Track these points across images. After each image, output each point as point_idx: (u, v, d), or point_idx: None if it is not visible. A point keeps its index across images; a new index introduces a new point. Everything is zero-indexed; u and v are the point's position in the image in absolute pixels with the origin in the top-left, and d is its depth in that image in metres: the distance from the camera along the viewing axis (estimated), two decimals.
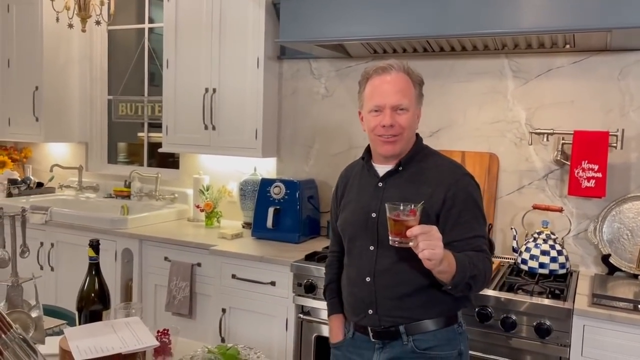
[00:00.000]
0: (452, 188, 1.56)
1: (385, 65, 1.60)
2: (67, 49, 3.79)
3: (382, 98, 1.58)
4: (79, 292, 1.48)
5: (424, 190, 1.57)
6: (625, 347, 1.90)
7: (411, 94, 1.60)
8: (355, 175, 1.75)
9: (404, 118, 1.58)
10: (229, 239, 2.87)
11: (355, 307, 1.66)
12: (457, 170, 1.64)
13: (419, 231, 1.36)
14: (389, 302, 1.59)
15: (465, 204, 1.57)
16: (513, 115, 2.62)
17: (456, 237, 1.53)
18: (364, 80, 1.66)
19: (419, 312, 1.58)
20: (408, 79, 1.60)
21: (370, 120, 1.62)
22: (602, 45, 2.35)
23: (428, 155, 1.67)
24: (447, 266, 1.43)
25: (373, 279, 1.60)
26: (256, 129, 2.99)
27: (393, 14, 2.37)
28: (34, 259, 3.26)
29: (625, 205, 2.39)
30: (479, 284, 1.55)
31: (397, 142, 1.59)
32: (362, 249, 1.64)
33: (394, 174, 1.64)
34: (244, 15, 2.96)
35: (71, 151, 4.04)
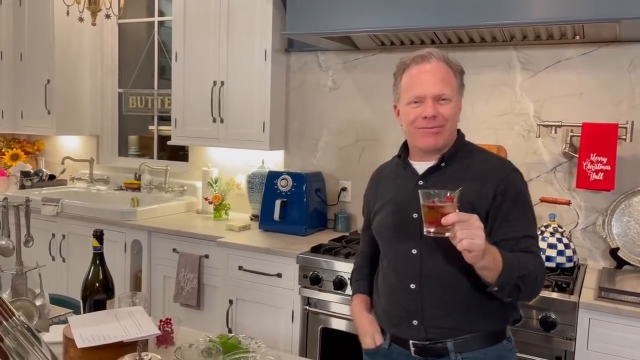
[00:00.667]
0: (502, 183, 1.44)
1: (424, 53, 1.48)
2: (78, 43, 3.83)
3: (422, 88, 1.45)
4: (83, 282, 1.50)
5: (470, 186, 1.43)
6: (632, 340, 1.88)
7: (453, 83, 1.48)
8: (388, 176, 1.63)
9: (447, 108, 1.45)
10: (237, 231, 2.89)
11: (396, 317, 1.51)
12: (506, 165, 1.52)
13: (455, 219, 1.23)
14: (436, 311, 1.44)
15: (515, 200, 1.44)
16: (521, 108, 2.60)
17: (504, 236, 1.41)
18: (399, 71, 1.53)
19: (469, 323, 1.43)
20: (448, 68, 1.48)
21: (409, 112, 1.49)
22: (612, 36, 2.32)
23: (472, 152, 1.55)
24: (492, 262, 1.29)
25: (419, 285, 1.45)
26: (264, 122, 3.00)
27: (400, 5, 2.35)
28: (45, 250, 3.32)
29: (634, 199, 2.36)
30: (529, 288, 1.39)
31: (440, 133, 1.46)
32: (402, 252, 1.49)
33: (435, 171, 1.50)
34: (251, 8, 2.96)
35: (82, 144, 4.08)
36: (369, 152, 2.99)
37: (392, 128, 2.91)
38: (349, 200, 3.05)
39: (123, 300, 1.52)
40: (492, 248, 1.30)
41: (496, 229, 1.42)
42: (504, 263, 1.31)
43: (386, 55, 2.90)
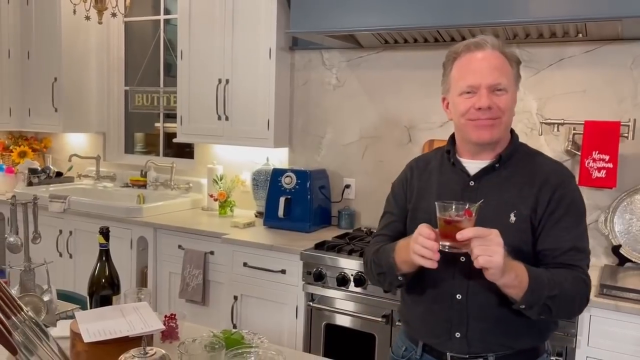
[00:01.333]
0: (560, 189, 1.34)
1: (478, 40, 1.36)
2: (84, 41, 3.86)
3: (476, 77, 1.33)
4: (89, 278, 1.53)
5: (527, 192, 1.34)
6: (632, 337, 1.90)
7: (509, 73, 1.36)
8: (432, 170, 1.49)
9: (503, 99, 1.33)
10: (241, 227, 2.92)
11: (436, 328, 1.41)
12: (565, 171, 1.41)
13: (471, 234, 1.17)
14: (482, 324, 1.35)
15: (569, 208, 1.34)
16: (524, 106, 2.60)
17: (550, 245, 1.32)
18: (449, 60, 1.41)
19: (514, 339, 1.36)
20: (504, 57, 1.37)
21: (460, 103, 1.37)
22: (615, 34, 2.32)
23: (528, 153, 1.44)
24: (514, 279, 1.22)
25: (466, 296, 1.36)
26: (268, 120, 3.02)
27: (404, 4, 2.36)
28: (52, 247, 3.36)
29: (636, 196, 2.37)
30: (563, 308, 1.29)
31: (495, 126, 1.34)
32: (449, 259, 1.34)
33: (490, 172, 1.39)
34: (256, 7, 2.98)
35: (89, 141, 4.12)
36: (372, 149, 3.01)
37: (396, 126, 2.92)
38: (353, 197, 3.07)
39: (129, 296, 1.55)
40: (516, 264, 1.24)
41: (544, 236, 1.34)
42: (530, 281, 1.24)
43: (390, 54, 2.91)
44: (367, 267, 1.53)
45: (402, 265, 1.36)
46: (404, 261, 1.35)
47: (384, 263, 1.42)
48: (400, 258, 1.36)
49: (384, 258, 1.42)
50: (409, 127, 2.87)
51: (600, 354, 1.95)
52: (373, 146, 3.00)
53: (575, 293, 1.30)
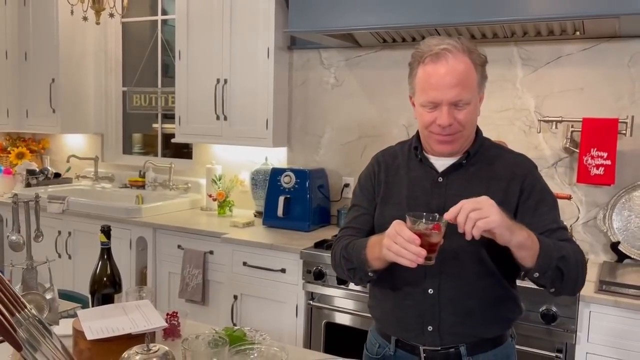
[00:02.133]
0: (528, 179, 1.39)
1: (440, 50, 1.33)
2: (82, 42, 3.86)
3: (437, 93, 1.33)
4: (91, 276, 1.53)
5: (495, 186, 1.37)
6: (631, 333, 1.91)
7: (472, 81, 1.35)
8: (400, 165, 1.50)
9: (464, 114, 1.35)
10: (241, 227, 2.92)
11: (408, 323, 1.43)
12: (528, 161, 1.46)
13: (458, 208, 1.18)
14: (453, 317, 1.39)
15: (542, 194, 1.39)
16: (522, 103, 2.62)
17: (538, 231, 1.33)
18: (415, 62, 1.40)
19: (484, 328, 1.40)
20: (468, 61, 1.34)
21: (423, 114, 1.39)
22: (612, 32, 2.33)
23: (490, 148, 1.47)
24: (527, 238, 1.22)
25: (437, 290, 1.39)
26: (267, 119, 3.02)
27: (401, 3, 2.37)
28: (52, 247, 3.36)
29: (635, 193, 2.38)
30: (573, 273, 1.30)
31: (456, 140, 1.38)
32: None
33: (458, 169, 1.42)
34: (254, 6, 2.98)
35: (87, 142, 4.12)
36: (371, 148, 3.01)
37: (395, 124, 2.93)
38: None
39: (130, 294, 1.55)
40: (521, 225, 1.23)
41: (528, 225, 1.32)
42: (540, 242, 1.25)
43: (388, 52, 2.92)
44: (336, 261, 1.51)
45: (374, 262, 1.36)
46: (376, 258, 1.34)
47: (355, 259, 1.41)
48: (373, 255, 1.35)
49: (354, 254, 1.41)
50: (408, 125, 2.88)
51: (600, 350, 1.96)
52: (372, 145, 3.01)
53: (577, 257, 1.32)
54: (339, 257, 1.48)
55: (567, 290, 1.36)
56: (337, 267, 1.53)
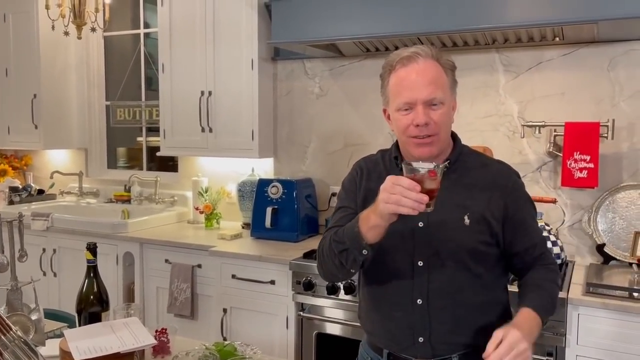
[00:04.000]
0: (511, 192, 1.42)
1: (410, 53, 1.36)
2: (64, 56, 3.83)
3: (412, 93, 1.34)
4: (78, 295, 1.51)
5: (477, 194, 1.39)
6: (620, 334, 1.92)
7: (444, 83, 1.38)
8: (381, 173, 1.48)
9: (439, 114, 1.36)
10: (229, 239, 2.90)
11: (398, 335, 1.42)
12: (509, 170, 1.48)
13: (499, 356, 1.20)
14: (444, 327, 1.38)
15: (526, 207, 1.45)
16: (505, 109, 2.65)
17: (526, 244, 1.43)
18: (386, 72, 1.41)
19: (475, 337, 1.39)
20: (438, 65, 1.37)
21: (400, 119, 1.39)
22: (591, 37, 2.37)
23: (470, 154, 1.49)
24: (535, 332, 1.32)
25: (426, 300, 1.38)
26: (252, 130, 3.02)
27: (383, 12, 2.39)
28: (36, 265, 3.30)
29: (618, 195, 2.41)
30: (557, 298, 1.46)
31: (434, 142, 1.37)
32: (405, 264, 1.40)
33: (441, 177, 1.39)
34: (237, 18, 2.98)
35: (71, 157, 4.08)
36: (357, 156, 2.96)
37: (380, 132, 2.94)
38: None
39: (118, 312, 1.53)
40: (527, 324, 1.30)
41: (517, 239, 1.42)
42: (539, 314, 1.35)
43: (371, 61, 2.94)
44: (325, 255, 1.44)
45: (368, 233, 1.30)
46: (371, 227, 1.29)
47: (347, 237, 1.35)
48: (367, 225, 1.30)
49: (346, 233, 1.36)
50: (393, 133, 2.88)
51: (589, 352, 1.98)
52: (358, 154, 2.98)
53: (556, 288, 1.47)
54: (327, 248, 1.42)
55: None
56: (326, 262, 1.44)
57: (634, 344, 1.90)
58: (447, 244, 1.38)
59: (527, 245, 1.43)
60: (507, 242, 1.42)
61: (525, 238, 1.43)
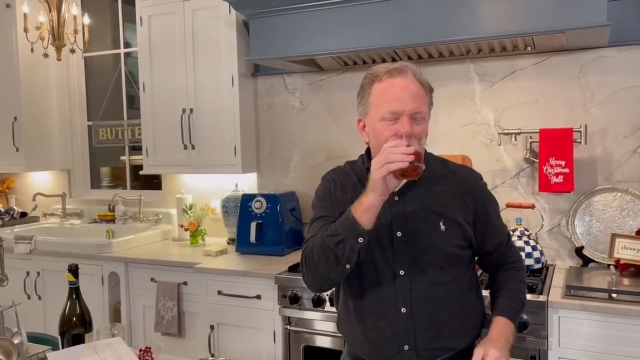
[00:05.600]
0: (477, 194, 1.49)
1: (399, 66, 1.40)
2: (44, 78, 3.82)
3: (399, 104, 1.36)
4: (60, 317, 1.51)
5: (448, 199, 1.44)
6: (600, 335, 1.96)
7: (426, 101, 1.42)
8: (355, 185, 1.49)
9: (421, 128, 1.38)
10: (214, 255, 2.91)
11: (384, 344, 1.43)
12: (474, 174, 1.55)
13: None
14: (428, 333, 1.41)
15: (491, 207, 1.53)
16: (482, 118, 2.70)
17: (495, 242, 1.52)
18: (369, 83, 1.42)
19: (457, 341, 1.45)
20: (421, 85, 1.41)
21: (382, 130, 1.38)
22: (560, 46, 2.44)
23: (436, 162, 1.52)
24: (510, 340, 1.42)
25: (410, 308, 1.41)
26: (235, 146, 3.04)
27: (360, 27, 2.44)
28: (20, 289, 3.27)
29: (594, 198, 2.47)
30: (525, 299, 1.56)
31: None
32: (386, 274, 1.41)
33: (411, 187, 1.44)
34: (216, 36, 3.02)
35: (54, 179, 4.06)
36: None
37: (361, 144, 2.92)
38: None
39: (102, 332, 1.53)
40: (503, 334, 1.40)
41: (487, 239, 1.50)
42: (512, 320, 1.45)
43: (350, 75, 2.98)
44: (315, 255, 1.38)
45: (362, 217, 1.30)
46: (365, 210, 1.29)
47: (342, 228, 1.33)
48: (360, 210, 1.30)
49: (340, 224, 1.34)
50: None
51: (571, 354, 2.01)
52: None
53: (524, 286, 1.57)
54: (318, 246, 1.37)
55: None
56: (316, 262, 1.39)
57: (614, 344, 1.94)
58: (426, 251, 1.42)
59: (496, 244, 1.53)
60: (478, 242, 1.50)
61: (494, 237, 1.53)
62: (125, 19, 3.82)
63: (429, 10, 2.29)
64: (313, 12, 2.50)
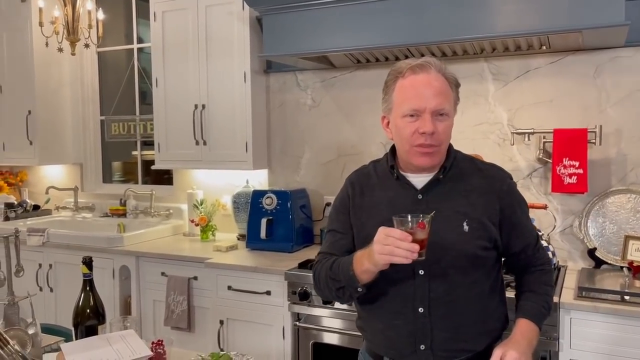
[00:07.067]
0: (506, 195, 1.44)
1: (422, 62, 1.38)
2: (58, 73, 3.85)
3: (420, 101, 1.35)
4: (74, 309, 1.52)
5: (474, 199, 1.41)
6: (612, 337, 1.95)
7: (450, 97, 1.40)
8: (374, 186, 1.51)
9: (445, 126, 1.37)
10: (224, 251, 2.92)
11: (400, 343, 1.43)
12: (503, 173, 1.50)
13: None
14: (445, 334, 1.40)
15: (519, 208, 1.48)
16: (495, 117, 2.68)
17: (523, 245, 1.48)
18: (392, 79, 1.41)
19: (475, 343, 1.43)
20: (445, 80, 1.39)
21: (404, 126, 1.38)
22: (577, 45, 2.42)
23: (464, 160, 1.49)
24: (534, 343, 1.39)
25: (428, 309, 1.39)
26: (246, 142, 3.05)
27: (372, 24, 2.43)
28: (32, 281, 3.31)
29: (608, 200, 2.45)
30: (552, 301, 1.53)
31: (435, 154, 1.39)
32: (405, 273, 1.39)
33: (435, 184, 1.43)
34: (229, 32, 3.02)
35: (66, 172, 4.09)
36: (351, 166, 3.03)
37: (373, 142, 2.97)
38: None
39: (114, 324, 1.54)
40: (522, 338, 1.37)
41: (514, 240, 1.46)
42: (536, 323, 1.43)
43: (362, 72, 2.98)
44: (321, 284, 1.50)
45: (362, 275, 1.36)
46: (364, 271, 1.35)
47: (343, 277, 1.40)
48: (361, 268, 1.35)
49: (342, 272, 1.41)
50: (385, 143, 2.92)
51: (582, 356, 2.00)
52: (351, 163, 3.04)
53: (551, 289, 1.55)
54: (324, 279, 1.47)
55: None
56: (322, 290, 1.52)
57: (626, 346, 1.92)
58: (448, 252, 1.39)
59: (522, 246, 1.49)
60: (504, 244, 1.46)
61: (520, 239, 1.48)
62: (139, 15, 3.84)
63: (444, 7, 2.27)
64: (326, 8, 2.50)
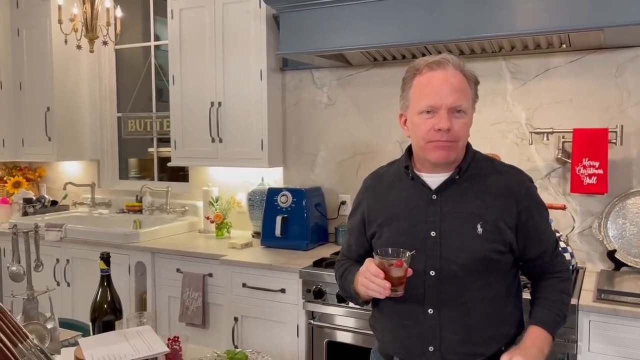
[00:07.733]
0: (524, 199, 1.40)
1: (440, 59, 1.37)
2: (76, 70, 3.89)
3: (437, 97, 1.33)
4: (92, 304, 1.53)
5: (490, 201, 1.38)
6: (632, 340, 1.92)
7: (468, 94, 1.38)
8: (390, 186, 1.50)
9: (462, 123, 1.36)
10: (239, 248, 2.93)
11: (409, 344, 1.42)
12: (522, 176, 1.47)
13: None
14: (455, 337, 1.38)
15: (538, 212, 1.44)
16: (513, 116, 2.65)
17: (540, 250, 1.44)
18: (410, 76, 1.40)
19: (486, 347, 1.40)
20: (464, 77, 1.37)
21: (420, 123, 1.37)
22: (598, 44, 2.38)
23: (482, 161, 1.46)
24: (547, 350, 1.36)
25: (438, 310, 1.38)
26: (262, 140, 3.05)
27: (391, 21, 2.41)
28: (50, 275, 3.34)
29: (628, 201, 2.41)
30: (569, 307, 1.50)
31: (452, 149, 1.37)
32: (419, 274, 1.37)
33: (451, 185, 1.41)
34: (245, 29, 3.03)
35: (83, 169, 4.13)
36: (366, 165, 3.04)
37: (388, 141, 2.96)
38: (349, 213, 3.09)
39: (131, 320, 1.55)
40: (532, 346, 1.34)
41: (530, 245, 1.42)
42: (548, 331, 1.39)
43: (378, 71, 2.96)
44: (339, 287, 1.64)
45: (361, 292, 1.44)
46: (359, 291, 1.45)
47: (347, 290, 1.54)
48: (357, 288, 1.46)
49: (346, 286, 1.54)
50: (401, 141, 2.91)
51: (601, 359, 1.97)
52: (366, 162, 3.03)
53: (569, 293, 1.50)
54: (338, 284, 1.63)
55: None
56: (340, 289, 1.64)
57: None
58: (460, 254, 1.37)
59: (540, 251, 1.45)
60: (520, 248, 1.42)
61: (538, 244, 1.44)
62: (156, 12, 3.86)
63: (462, 5, 2.25)
64: (343, 6, 2.49)
